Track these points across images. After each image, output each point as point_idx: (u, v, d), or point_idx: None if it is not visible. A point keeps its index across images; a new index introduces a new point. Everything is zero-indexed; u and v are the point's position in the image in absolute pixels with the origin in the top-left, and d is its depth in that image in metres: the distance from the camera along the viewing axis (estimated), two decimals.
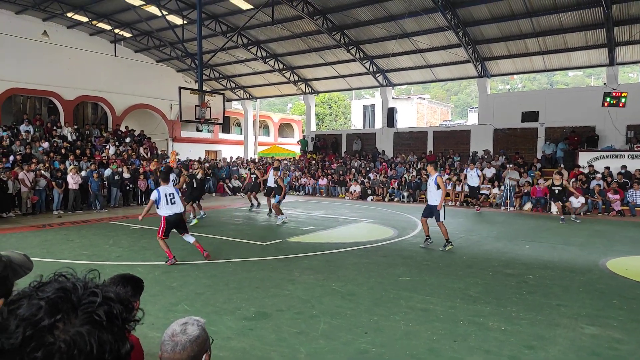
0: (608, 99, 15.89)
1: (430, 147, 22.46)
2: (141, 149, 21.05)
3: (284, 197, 12.71)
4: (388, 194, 19.48)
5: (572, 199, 14.79)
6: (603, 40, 16.90)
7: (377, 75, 23.07)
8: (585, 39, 17.28)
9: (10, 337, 0.68)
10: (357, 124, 38.82)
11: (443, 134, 22.80)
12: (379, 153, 23.61)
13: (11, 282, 1.20)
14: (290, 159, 26.73)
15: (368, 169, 21.87)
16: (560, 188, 13.28)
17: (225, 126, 31.31)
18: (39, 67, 20.24)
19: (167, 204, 7.46)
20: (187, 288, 6.10)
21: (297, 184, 22.80)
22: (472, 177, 15.24)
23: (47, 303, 0.71)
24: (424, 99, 39.72)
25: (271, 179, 13.20)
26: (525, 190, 16.38)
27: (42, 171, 14.70)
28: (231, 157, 25.26)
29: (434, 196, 8.92)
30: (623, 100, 15.70)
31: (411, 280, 6.68)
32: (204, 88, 22.63)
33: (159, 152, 21.87)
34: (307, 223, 12.46)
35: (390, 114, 23.80)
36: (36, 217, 13.54)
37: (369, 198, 19.43)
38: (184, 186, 12.25)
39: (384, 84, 23.49)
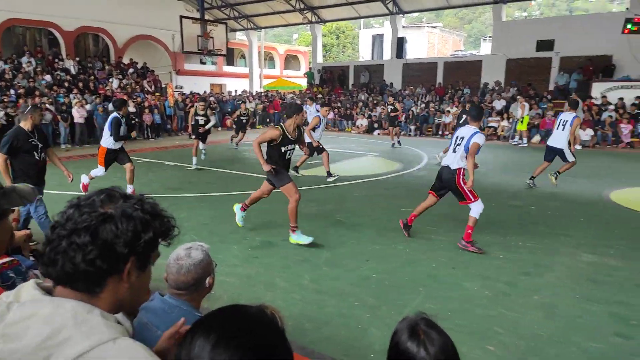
0: (629, 26, 15.08)
1: (439, 79, 21.87)
2: (145, 83, 20.74)
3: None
4: None
5: (580, 131, 14.57)
6: None
7: (387, 1, 21.99)
8: None
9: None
10: (365, 55, 37.65)
11: (454, 65, 22.08)
12: (387, 85, 23.08)
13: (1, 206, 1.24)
14: (296, 92, 26.27)
15: (375, 102, 21.49)
16: None
17: (230, 58, 30.54)
18: None
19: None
20: (195, 219, 6.26)
21: None
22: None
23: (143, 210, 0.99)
24: (435, 27, 38.09)
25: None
26: (535, 123, 16.11)
27: (47, 105, 14.63)
28: (236, 91, 24.86)
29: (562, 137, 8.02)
30: None
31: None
32: (206, 17, 21.83)
33: (163, 86, 21.55)
34: (313, 157, 12.46)
35: (400, 44, 22.96)
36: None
37: (376, 132, 19.28)
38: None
39: (394, 11, 22.46)
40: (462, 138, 5.08)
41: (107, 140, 7.24)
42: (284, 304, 3.72)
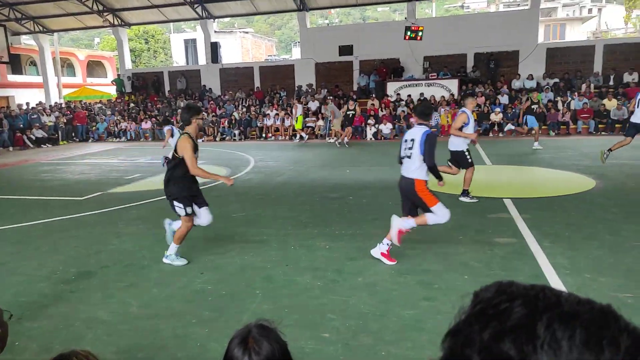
0: (409, 33, 17.74)
1: (257, 83, 22.40)
2: None
3: None
4: (219, 133, 19.10)
5: (381, 125, 16.59)
6: None
7: (196, 6, 21.55)
8: None
9: None
10: (179, 60, 36.35)
11: (269, 69, 22.86)
12: (206, 91, 22.69)
13: None
14: (104, 101, 23.93)
15: None
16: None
17: (16, 66, 26.21)
18: None
19: None
20: None
21: (116, 129, 20.71)
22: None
23: None
24: (247, 33, 38.87)
25: None
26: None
27: None
28: (28, 103, 21.42)
29: None
30: (420, 33, 17.72)
31: (246, 216, 6.81)
32: None
33: None
34: (131, 171, 11.56)
35: (214, 49, 22.77)
36: None
37: (200, 140, 18.77)
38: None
39: (204, 16, 22.13)
40: None
41: (420, 169, 4.70)
42: (109, 339, 3.36)
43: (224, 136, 19.03)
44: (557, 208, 6.50)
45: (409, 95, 18.42)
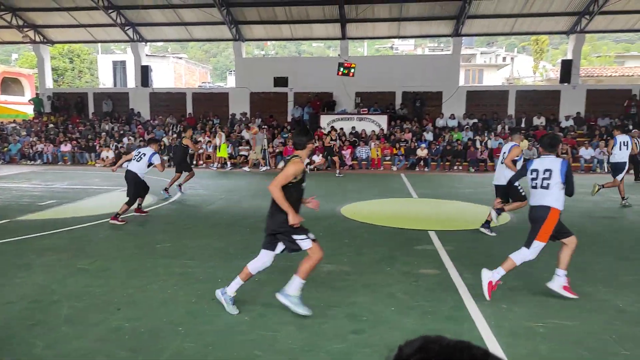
0: (341, 69, 18.40)
1: (189, 109, 21.97)
2: None
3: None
4: None
5: (314, 156, 16.84)
6: (337, 15, 19.29)
7: (127, 28, 20.94)
8: (323, 13, 19.41)
9: None
10: (106, 81, 34.82)
11: (202, 96, 22.55)
12: (134, 115, 21.84)
13: None
14: (19, 121, 22.22)
15: (122, 132, 20.02)
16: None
17: None
18: None
19: None
20: None
21: (31, 151, 19.22)
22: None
23: None
24: (181, 58, 38.26)
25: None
26: (278, 150, 17.81)
27: None
28: None
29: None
30: (352, 70, 18.43)
31: (171, 247, 6.51)
32: None
33: None
34: (46, 197, 10.73)
35: (145, 73, 22.12)
36: None
37: (125, 164, 17.89)
38: None
39: (135, 38, 21.55)
40: None
41: (558, 198, 4.42)
42: None
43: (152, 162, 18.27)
44: (477, 240, 6.88)
45: (342, 128, 18.94)
